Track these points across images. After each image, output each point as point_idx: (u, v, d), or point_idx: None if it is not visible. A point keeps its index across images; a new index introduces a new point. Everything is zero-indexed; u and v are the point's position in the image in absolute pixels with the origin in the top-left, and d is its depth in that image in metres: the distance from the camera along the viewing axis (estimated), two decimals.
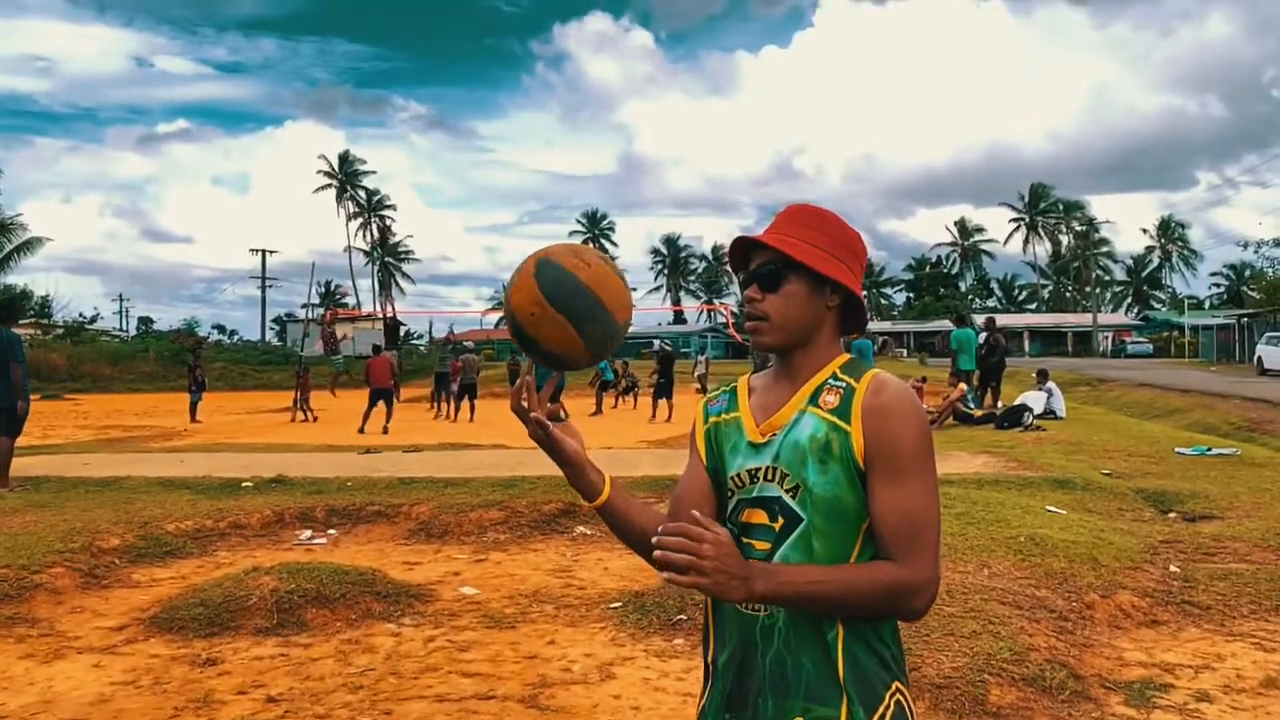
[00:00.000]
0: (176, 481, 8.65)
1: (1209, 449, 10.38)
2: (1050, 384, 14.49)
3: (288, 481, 8.57)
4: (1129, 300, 79.85)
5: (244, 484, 8.50)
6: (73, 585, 5.57)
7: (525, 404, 1.40)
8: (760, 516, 1.42)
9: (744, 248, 1.50)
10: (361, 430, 15.64)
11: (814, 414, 1.40)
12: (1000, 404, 15.12)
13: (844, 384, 1.42)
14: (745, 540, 1.43)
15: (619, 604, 5.10)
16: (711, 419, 1.55)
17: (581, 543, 6.77)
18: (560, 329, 1.37)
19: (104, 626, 4.91)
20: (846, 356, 1.48)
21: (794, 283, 1.44)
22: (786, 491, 1.39)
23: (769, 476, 1.41)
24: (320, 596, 5.00)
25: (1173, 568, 5.49)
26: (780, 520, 1.40)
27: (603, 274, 1.41)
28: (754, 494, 1.43)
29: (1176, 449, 10.59)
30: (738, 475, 1.46)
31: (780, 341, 1.45)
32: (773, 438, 1.43)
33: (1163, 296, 77.71)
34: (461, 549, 6.71)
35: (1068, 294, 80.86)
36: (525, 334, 1.39)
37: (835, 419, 1.38)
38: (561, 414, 1.48)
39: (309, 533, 7.23)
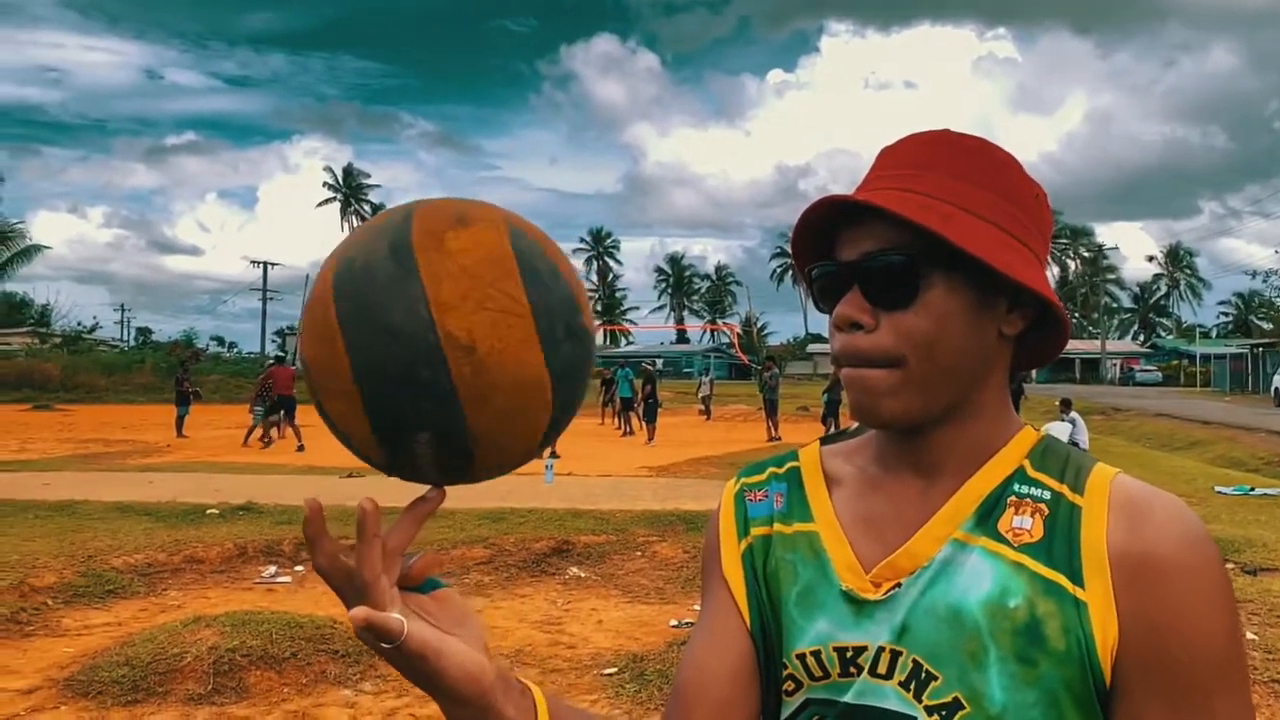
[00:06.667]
0: (136, 507, 7.95)
1: (1252, 489, 9.66)
2: (1074, 414, 13.77)
3: (256, 509, 7.87)
4: (1135, 328, 79.15)
5: (209, 510, 7.80)
6: None
7: (363, 557, 0.56)
8: None
9: (833, 217, 0.71)
10: (246, 443, 16.23)
11: (993, 552, 0.67)
12: None
13: (1049, 494, 0.69)
14: None
15: (614, 669, 4.40)
16: (755, 529, 0.78)
17: (574, 588, 6.07)
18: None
19: (11, 689, 4.19)
20: (1035, 434, 0.74)
21: (945, 288, 0.68)
22: (928, 710, 0.66)
23: (885, 669, 0.68)
24: (267, 656, 4.30)
25: (1249, 635, 4.80)
26: None
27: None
28: (848, 699, 0.69)
29: (1216, 487, 9.87)
30: (815, 654, 0.71)
31: (924, 407, 0.69)
32: (894, 591, 0.69)
33: (1169, 324, 76.98)
34: None
35: (1074, 320, 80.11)
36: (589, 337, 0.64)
37: (1047, 570, 0.66)
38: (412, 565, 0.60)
39: (273, 569, 6.53)
